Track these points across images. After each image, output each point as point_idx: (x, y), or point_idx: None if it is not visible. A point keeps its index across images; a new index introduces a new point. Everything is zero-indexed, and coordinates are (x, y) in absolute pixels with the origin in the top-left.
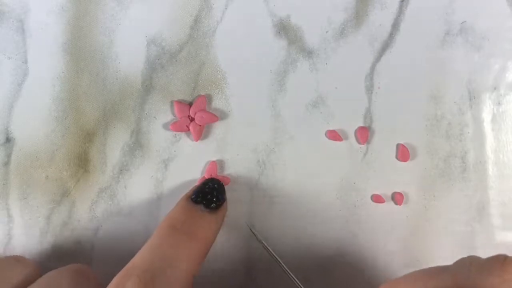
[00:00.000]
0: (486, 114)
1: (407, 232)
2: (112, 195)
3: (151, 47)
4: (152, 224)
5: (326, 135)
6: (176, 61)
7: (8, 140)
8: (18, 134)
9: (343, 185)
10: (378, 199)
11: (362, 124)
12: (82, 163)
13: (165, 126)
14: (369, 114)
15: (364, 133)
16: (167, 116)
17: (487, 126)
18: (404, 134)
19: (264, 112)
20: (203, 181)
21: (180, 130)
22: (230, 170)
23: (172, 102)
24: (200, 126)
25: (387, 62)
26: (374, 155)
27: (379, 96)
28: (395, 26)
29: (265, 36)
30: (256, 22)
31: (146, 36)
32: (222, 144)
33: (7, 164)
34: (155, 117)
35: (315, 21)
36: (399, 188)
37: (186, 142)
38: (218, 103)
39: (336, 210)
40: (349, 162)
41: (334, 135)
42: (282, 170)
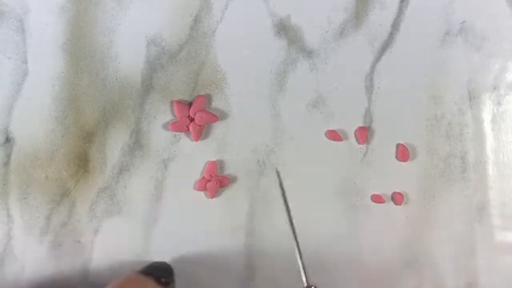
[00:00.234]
0: (486, 114)
1: (407, 232)
2: (112, 195)
3: (151, 47)
4: (152, 224)
5: (326, 135)
6: (176, 61)
7: (8, 140)
8: (18, 134)
9: (343, 185)
10: (378, 199)
11: (362, 124)
12: (82, 163)
13: (165, 126)
14: (369, 114)
15: (364, 133)
16: (167, 116)
17: (487, 126)
18: (404, 134)
19: (264, 112)
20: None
21: (180, 130)
22: (230, 170)
23: (172, 102)
24: (200, 126)
25: (387, 62)
26: (374, 155)
27: (379, 96)
28: (395, 26)
29: (265, 36)
30: (256, 22)
31: (146, 36)
32: (222, 144)
33: (7, 164)
34: (155, 117)
35: (315, 21)
36: (399, 188)
37: (186, 142)
38: (218, 103)
39: (336, 210)
40: (349, 162)
41: (334, 135)
42: (282, 170)
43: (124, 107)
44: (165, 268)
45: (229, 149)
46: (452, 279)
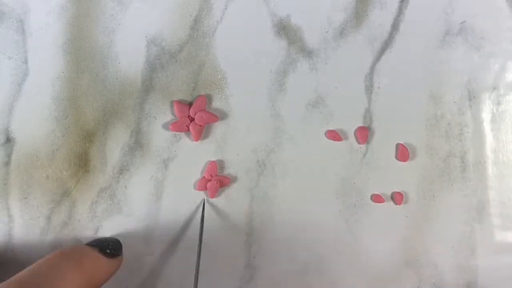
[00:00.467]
0: (486, 114)
1: (407, 232)
2: (112, 195)
3: (151, 47)
4: (152, 224)
5: (326, 135)
6: (176, 61)
7: (9, 140)
8: (18, 134)
9: (343, 185)
10: (377, 199)
11: (361, 124)
12: (82, 163)
13: (165, 126)
14: (368, 114)
15: (364, 133)
16: (167, 116)
17: (486, 126)
18: (403, 134)
19: (264, 112)
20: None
21: (180, 130)
22: (230, 170)
23: (172, 102)
24: (200, 126)
25: (387, 62)
26: (374, 155)
27: (379, 96)
28: (395, 26)
29: (265, 36)
30: (256, 22)
31: (146, 36)
32: (222, 144)
33: (7, 164)
34: (155, 117)
35: (315, 21)
36: (398, 188)
37: (186, 142)
38: (218, 103)
39: (336, 209)
40: (348, 162)
41: (334, 135)
42: (282, 170)
43: (124, 107)
44: (112, 241)
45: (229, 149)
46: (452, 278)
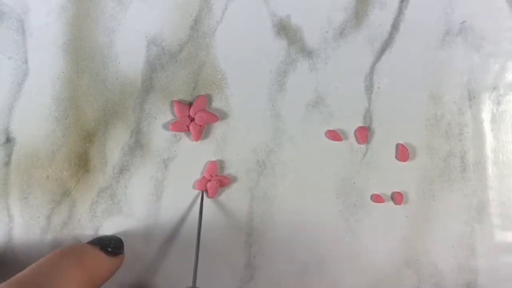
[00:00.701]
0: (486, 114)
1: (407, 232)
2: (112, 195)
3: (151, 47)
4: (152, 224)
5: (326, 135)
6: (176, 61)
7: (9, 140)
8: (19, 134)
9: (343, 184)
10: (377, 198)
11: (361, 124)
12: (83, 163)
13: (165, 126)
14: (368, 114)
15: (364, 133)
16: (167, 116)
17: (486, 126)
18: (403, 134)
19: (264, 112)
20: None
21: (180, 130)
22: (230, 170)
23: (172, 102)
24: (200, 126)
25: (387, 62)
26: (374, 155)
27: (379, 96)
28: (395, 26)
29: (265, 36)
30: (256, 22)
31: (146, 36)
32: (222, 144)
33: (7, 164)
34: (155, 117)
35: (315, 21)
36: (398, 187)
37: (186, 142)
38: (218, 103)
39: (336, 209)
40: (349, 162)
41: (334, 135)
42: (282, 170)
43: (124, 107)
44: (114, 239)
45: (229, 149)
46: (452, 278)
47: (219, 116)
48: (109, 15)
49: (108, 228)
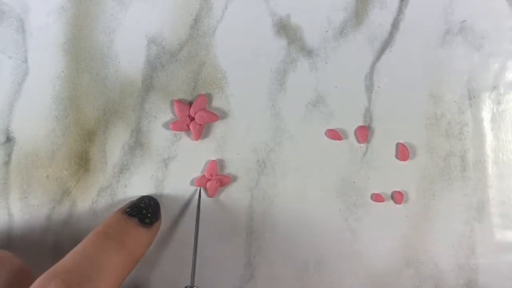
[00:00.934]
0: (486, 113)
1: (407, 231)
2: (113, 194)
3: (151, 47)
4: None
5: (326, 134)
6: (176, 60)
7: (9, 139)
8: (19, 133)
9: (343, 184)
10: (377, 198)
11: (362, 123)
12: (83, 162)
13: (165, 125)
14: (368, 113)
15: (364, 132)
16: (167, 115)
17: (486, 125)
18: (403, 133)
19: (264, 111)
20: (140, 197)
21: (180, 130)
22: (230, 170)
23: (172, 102)
24: (200, 125)
25: (387, 61)
26: (374, 154)
27: (379, 95)
28: (395, 25)
29: (265, 36)
30: (256, 22)
31: (146, 36)
32: (222, 143)
33: (7, 163)
34: (155, 116)
35: (315, 20)
36: (398, 187)
37: (186, 142)
38: (218, 103)
39: (336, 209)
40: (349, 161)
41: (334, 134)
42: (282, 170)
43: (124, 106)
44: (151, 206)
45: (229, 148)
46: (452, 277)
47: (219, 115)
48: (109, 14)
49: None
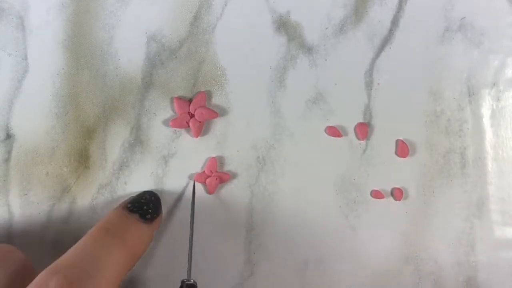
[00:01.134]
0: (486, 110)
1: (407, 228)
2: (112, 191)
3: (151, 44)
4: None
5: (325, 131)
6: (176, 57)
7: (9, 136)
8: (18, 130)
9: (343, 181)
10: (377, 194)
11: (361, 120)
12: (82, 159)
13: (165, 122)
14: (368, 110)
15: (364, 129)
16: (167, 112)
17: (486, 122)
18: (403, 130)
19: (264, 108)
20: (141, 192)
21: (180, 127)
22: (230, 166)
23: (172, 99)
24: (200, 122)
25: (387, 58)
26: (374, 151)
27: (379, 92)
28: (395, 22)
29: (264, 33)
30: (256, 19)
31: (146, 33)
32: (222, 140)
33: (7, 160)
34: (155, 113)
35: (314, 17)
36: (398, 183)
37: (186, 138)
38: (218, 100)
39: (335, 205)
40: (348, 158)
41: (334, 131)
42: (282, 167)
43: (124, 104)
44: (152, 202)
45: (229, 145)
46: (452, 274)
47: (219, 112)
48: (109, 11)
49: None
